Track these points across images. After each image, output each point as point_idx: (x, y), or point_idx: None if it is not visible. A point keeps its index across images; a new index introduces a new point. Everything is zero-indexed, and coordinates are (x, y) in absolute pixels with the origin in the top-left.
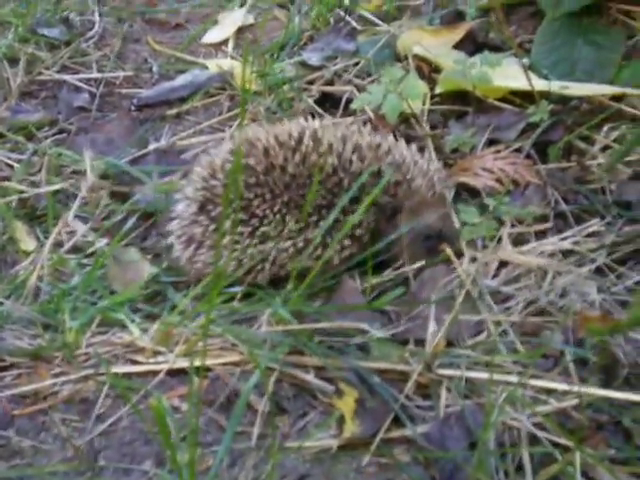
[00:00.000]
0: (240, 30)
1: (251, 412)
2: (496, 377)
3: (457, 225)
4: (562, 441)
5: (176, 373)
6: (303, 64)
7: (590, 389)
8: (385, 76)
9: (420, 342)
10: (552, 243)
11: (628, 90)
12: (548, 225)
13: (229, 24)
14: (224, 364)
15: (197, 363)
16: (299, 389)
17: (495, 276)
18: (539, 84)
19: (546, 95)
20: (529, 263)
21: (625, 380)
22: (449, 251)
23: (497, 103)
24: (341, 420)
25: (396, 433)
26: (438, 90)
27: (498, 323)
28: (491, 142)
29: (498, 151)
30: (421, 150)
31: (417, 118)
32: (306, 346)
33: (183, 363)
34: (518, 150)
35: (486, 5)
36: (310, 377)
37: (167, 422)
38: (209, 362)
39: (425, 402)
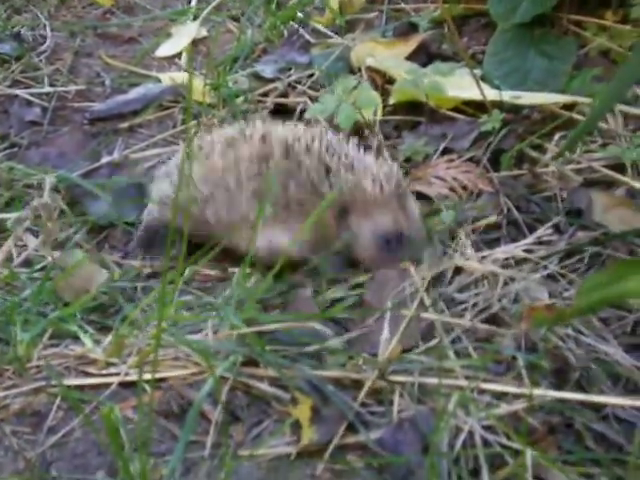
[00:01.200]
0: (194, 43)
1: (205, 421)
2: (447, 382)
3: (424, 229)
4: (514, 444)
5: (129, 384)
6: (257, 76)
7: (541, 391)
8: (338, 86)
9: (374, 349)
10: (504, 251)
11: (579, 99)
12: (501, 233)
13: (182, 37)
14: (178, 374)
15: (148, 374)
16: (253, 397)
17: (450, 283)
18: (491, 94)
19: (498, 105)
20: (482, 270)
21: (576, 383)
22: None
23: (450, 113)
24: (295, 427)
25: (351, 439)
26: (391, 101)
27: (451, 329)
28: (444, 151)
29: (451, 160)
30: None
31: (370, 128)
32: (260, 355)
33: (135, 374)
34: (471, 159)
35: (438, 17)
36: (264, 385)
37: (119, 432)
38: (162, 372)
39: (379, 408)
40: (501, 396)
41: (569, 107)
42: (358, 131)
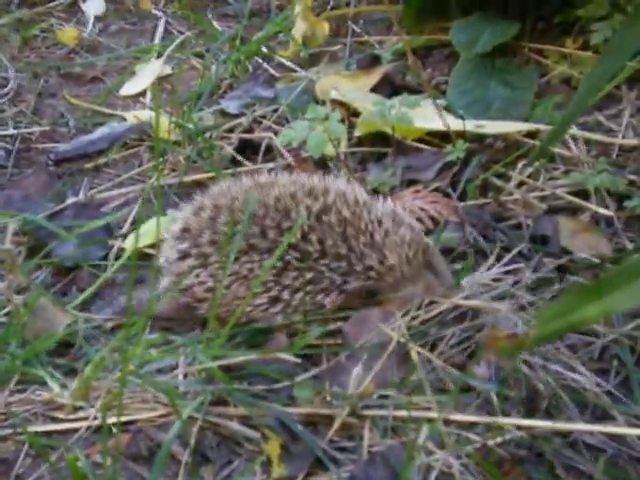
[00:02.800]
0: (158, 81)
1: (175, 463)
2: (417, 414)
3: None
4: (484, 477)
5: (97, 428)
6: (222, 112)
7: (511, 420)
8: (309, 113)
9: (346, 384)
10: (472, 281)
11: (541, 127)
12: (468, 262)
13: (146, 75)
14: (146, 416)
15: (115, 417)
16: (223, 437)
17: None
18: (455, 124)
19: (462, 134)
20: (453, 302)
21: (545, 411)
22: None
23: (415, 144)
24: (266, 466)
25: (322, 477)
26: (356, 133)
27: (426, 362)
28: (410, 182)
29: (417, 191)
30: None
31: (339, 159)
32: (229, 394)
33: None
34: (436, 189)
35: (402, 49)
36: (234, 425)
37: (87, 478)
38: (131, 415)
39: (351, 443)
40: (471, 427)
41: (532, 135)
42: (323, 164)
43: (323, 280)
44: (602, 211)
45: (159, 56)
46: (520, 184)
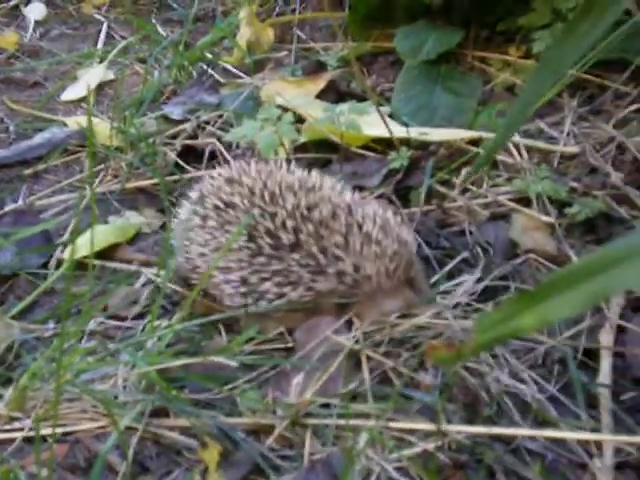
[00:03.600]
0: (100, 86)
1: (113, 474)
2: (358, 422)
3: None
4: None
5: (34, 439)
6: (165, 118)
7: (453, 427)
8: (261, 114)
9: (288, 392)
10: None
11: (484, 134)
12: None
13: (89, 80)
14: (85, 427)
15: (50, 428)
16: (163, 447)
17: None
18: (399, 131)
19: (406, 142)
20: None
21: (487, 417)
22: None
23: (360, 151)
24: (206, 473)
25: None
26: (302, 139)
27: (374, 369)
28: (355, 188)
29: (363, 197)
30: None
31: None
32: (169, 403)
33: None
34: (381, 196)
35: (347, 56)
36: (174, 434)
37: None
38: (69, 426)
39: (292, 451)
40: (413, 433)
41: (475, 142)
42: None
43: (291, 274)
44: (544, 218)
45: (101, 61)
46: (464, 191)
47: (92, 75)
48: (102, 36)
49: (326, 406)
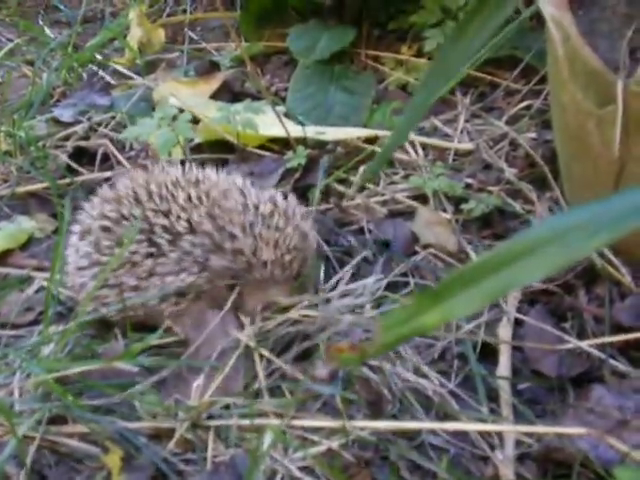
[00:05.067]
0: None
1: None
2: (261, 422)
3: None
4: None
5: None
6: (56, 121)
7: (356, 423)
8: (158, 112)
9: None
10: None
11: (380, 132)
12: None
13: None
14: None
15: None
16: (62, 455)
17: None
18: (295, 130)
19: (302, 141)
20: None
21: (393, 416)
22: None
23: (257, 151)
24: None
25: None
26: (197, 140)
27: (270, 369)
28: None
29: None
30: None
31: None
32: (67, 410)
33: None
34: None
35: (240, 56)
36: (73, 442)
37: None
38: None
39: (194, 455)
40: (317, 432)
41: (371, 140)
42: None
43: (186, 258)
44: (440, 214)
45: None
46: (361, 189)
47: None
48: None
49: (227, 407)
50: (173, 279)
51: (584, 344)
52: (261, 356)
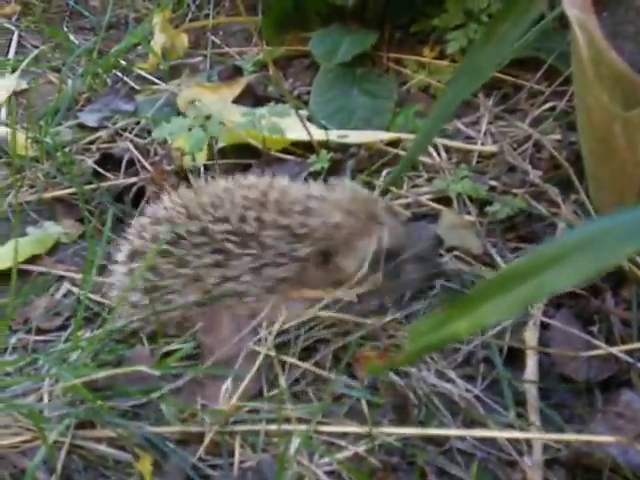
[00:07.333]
0: (14, 96)
1: None
2: (288, 427)
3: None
4: None
5: None
6: (81, 126)
7: (383, 429)
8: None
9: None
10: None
11: (403, 135)
12: None
13: (1, 90)
14: (9, 442)
15: None
16: (91, 461)
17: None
18: (318, 134)
19: (326, 144)
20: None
21: (417, 418)
22: None
23: (280, 154)
24: None
25: None
26: (221, 144)
27: (292, 372)
28: None
29: None
30: None
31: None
32: (96, 415)
33: None
34: None
35: (262, 60)
36: (102, 447)
37: None
38: None
39: (221, 460)
40: (343, 437)
41: (394, 143)
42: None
43: (268, 252)
44: (464, 217)
45: (14, 71)
46: (384, 192)
47: (4, 85)
48: (13, 45)
49: (254, 412)
50: (273, 271)
51: (613, 349)
52: (283, 363)
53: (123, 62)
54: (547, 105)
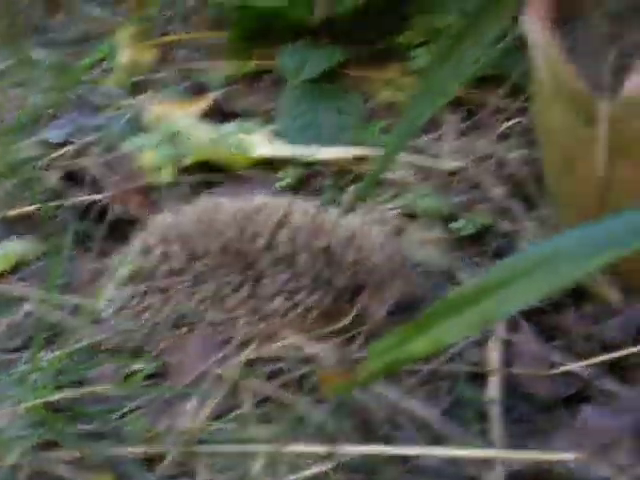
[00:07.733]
0: None
1: None
2: (251, 448)
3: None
4: None
5: None
6: (45, 143)
7: (347, 448)
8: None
9: (179, 419)
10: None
11: (369, 151)
12: None
13: None
14: None
15: None
16: None
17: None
18: (285, 150)
19: (293, 161)
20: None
21: (382, 437)
22: None
23: (246, 172)
24: None
25: None
26: (188, 161)
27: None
28: None
29: None
30: None
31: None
32: (59, 437)
33: None
34: None
35: (230, 75)
36: (63, 468)
37: None
38: None
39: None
40: (307, 457)
41: (361, 160)
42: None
43: (303, 276)
44: (429, 233)
45: None
46: (350, 209)
47: None
48: None
49: (218, 431)
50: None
51: (574, 365)
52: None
53: (88, 77)
54: (511, 122)
